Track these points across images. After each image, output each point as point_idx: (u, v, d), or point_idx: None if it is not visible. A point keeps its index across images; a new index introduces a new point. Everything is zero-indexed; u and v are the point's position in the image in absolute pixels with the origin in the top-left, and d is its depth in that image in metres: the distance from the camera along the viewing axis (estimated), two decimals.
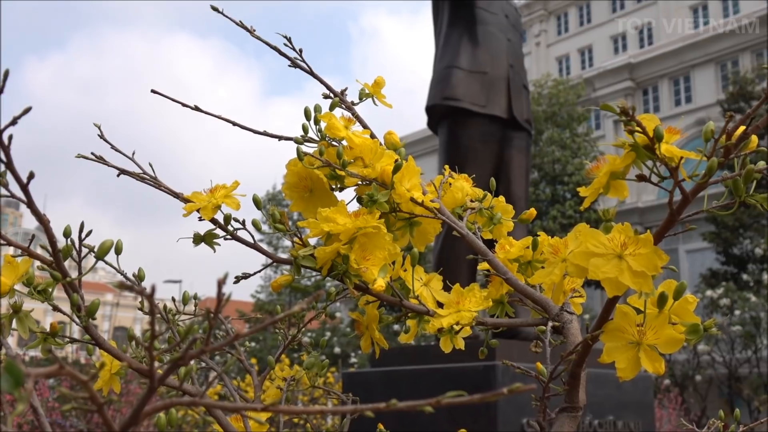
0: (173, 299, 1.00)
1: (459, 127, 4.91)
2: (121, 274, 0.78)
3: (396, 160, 0.83)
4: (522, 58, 5.28)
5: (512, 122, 4.92)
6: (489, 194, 0.94)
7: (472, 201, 0.93)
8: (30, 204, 0.59)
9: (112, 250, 0.77)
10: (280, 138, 0.93)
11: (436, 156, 5.56)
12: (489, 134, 4.87)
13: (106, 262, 0.72)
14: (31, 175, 0.47)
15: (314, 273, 0.82)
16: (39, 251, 0.70)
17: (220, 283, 0.42)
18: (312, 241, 0.84)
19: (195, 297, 0.98)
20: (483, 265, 0.88)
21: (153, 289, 0.35)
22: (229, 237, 0.84)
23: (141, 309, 0.94)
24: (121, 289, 0.35)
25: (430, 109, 5.10)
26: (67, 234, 0.67)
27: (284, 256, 0.83)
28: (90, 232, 0.67)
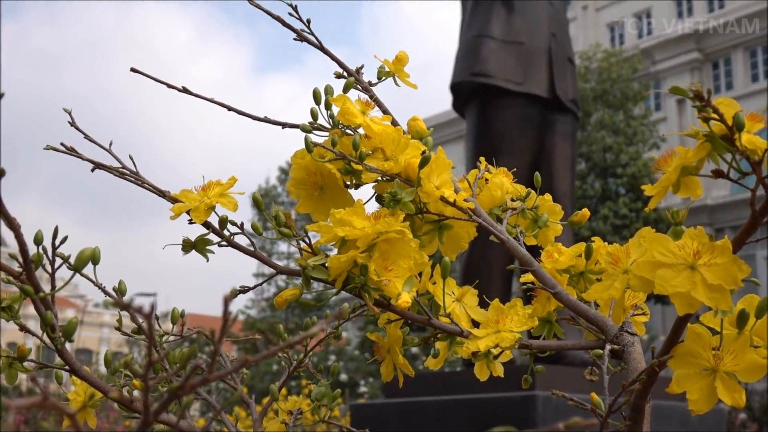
0: (155, 317, 1.02)
1: (491, 109, 4.92)
2: (100, 288, 0.80)
3: (423, 152, 0.85)
4: (566, 25, 5.28)
5: (555, 103, 4.92)
6: (532, 191, 0.95)
7: (513, 200, 0.94)
8: None
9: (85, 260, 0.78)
10: (284, 125, 0.94)
11: (461, 144, 5.57)
12: (527, 118, 4.88)
13: (83, 275, 0.73)
14: (2, 173, 0.49)
15: (322, 286, 0.83)
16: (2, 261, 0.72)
17: (227, 301, 0.43)
18: (321, 247, 0.85)
19: (182, 315, 1.00)
20: (527, 277, 0.89)
21: (153, 307, 0.36)
22: (224, 243, 0.85)
23: (119, 329, 0.95)
24: (116, 306, 0.36)
25: (455, 87, 5.12)
26: (38, 241, 0.69)
27: (281, 263, 0.84)
28: (65, 239, 0.68)
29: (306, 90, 0.92)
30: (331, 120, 0.91)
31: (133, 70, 0.97)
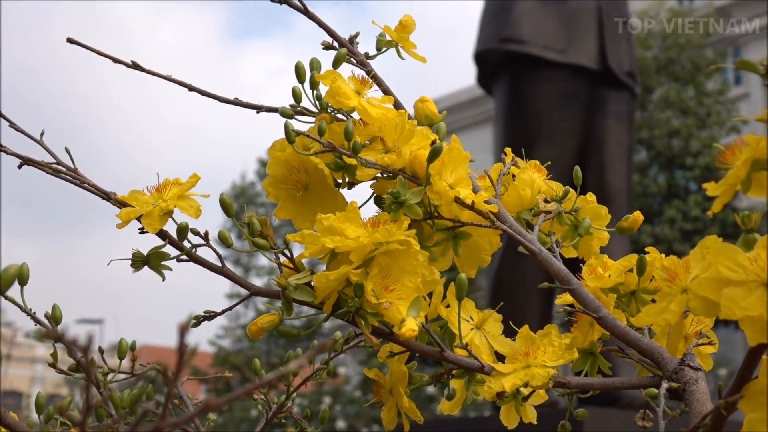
0: (100, 350, 1.03)
1: (525, 83, 4.93)
2: (28, 314, 0.81)
3: (433, 142, 0.86)
4: None
5: (606, 76, 4.93)
6: (572, 189, 0.95)
7: (546, 201, 0.95)
8: None
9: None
10: (259, 109, 0.95)
11: (488, 128, 5.58)
12: (571, 94, 4.89)
13: (8, 298, 0.74)
14: None
15: (311, 310, 0.84)
16: None
17: (183, 330, 0.44)
18: (305, 261, 0.86)
19: (132, 347, 1.01)
20: (564, 298, 0.90)
21: (90, 338, 0.37)
22: (185, 258, 0.86)
23: (53, 365, 0.96)
24: (48, 338, 0.37)
25: (480, 57, 5.13)
26: None
27: (260, 282, 0.85)
28: None
29: (293, 61, 0.94)
30: (317, 102, 0.92)
31: (70, 41, 0.98)
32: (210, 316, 0.87)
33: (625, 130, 5.04)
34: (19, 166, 0.90)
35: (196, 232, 0.86)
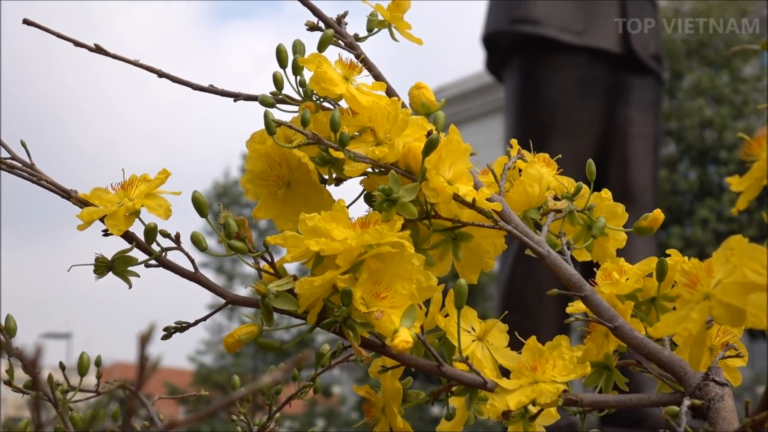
0: (61, 366, 1.03)
1: (539, 69, 4.92)
2: None
3: (429, 132, 0.86)
4: None
5: (630, 60, 4.93)
6: (585, 186, 0.96)
7: (557, 198, 0.95)
8: None
9: None
10: (236, 97, 0.95)
11: (498, 120, 5.57)
12: (590, 81, 4.89)
13: None
14: None
15: (296, 320, 0.84)
16: None
17: (144, 340, 0.44)
18: (291, 267, 0.86)
19: (98, 363, 1.01)
20: (576, 306, 0.90)
21: (38, 351, 0.37)
22: (154, 263, 0.87)
23: (9, 383, 0.96)
24: None
25: (489, 40, 5.12)
26: None
27: (245, 292, 0.85)
28: None
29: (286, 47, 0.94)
30: (301, 89, 0.92)
31: (26, 22, 0.99)
32: (182, 327, 0.87)
33: (651, 121, 5.03)
34: None
35: (166, 234, 0.86)
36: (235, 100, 0.95)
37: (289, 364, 0.46)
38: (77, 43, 0.97)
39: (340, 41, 0.96)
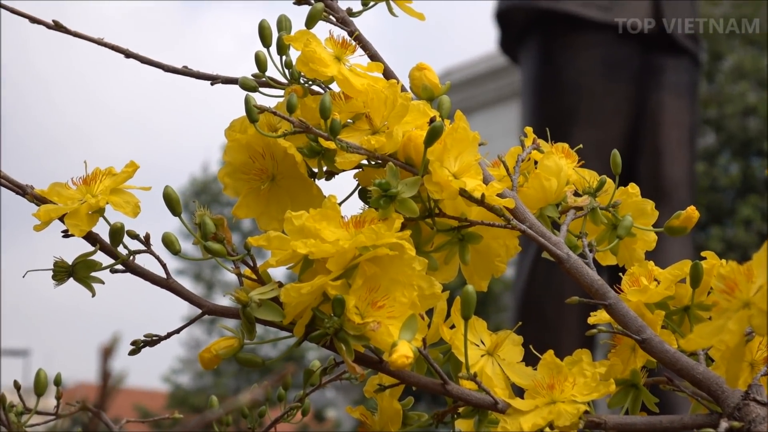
0: (16, 385, 1.03)
1: (560, 49, 4.91)
2: None
3: (432, 119, 0.85)
4: None
5: (662, 39, 4.92)
6: (610, 180, 0.95)
7: (577, 194, 0.95)
8: None
9: None
10: (213, 80, 0.95)
11: (513, 107, 5.56)
12: (618, 63, 4.88)
13: None
14: None
15: (282, 333, 0.84)
16: None
17: (106, 354, 0.44)
18: (277, 273, 0.86)
19: (57, 382, 1.01)
20: (600, 316, 0.90)
21: None
22: (121, 268, 0.86)
23: None
24: None
25: (504, 17, 5.12)
26: None
27: (227, 303, 0.85)
28: None
29: (273, 22, 0.94)
30: (287, 71, 0.92)
31: None
32: (152, 340, 0.87)
33: (687, 107, 5.02)
34: None
35: (134, 236, 0.86)
36: (212, 84, 0.95)
37: (271, 381, 0.46)
38: (33, 20, 0.97)
39: (331, 16, 0.95)
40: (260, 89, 0.91)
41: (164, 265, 0.87)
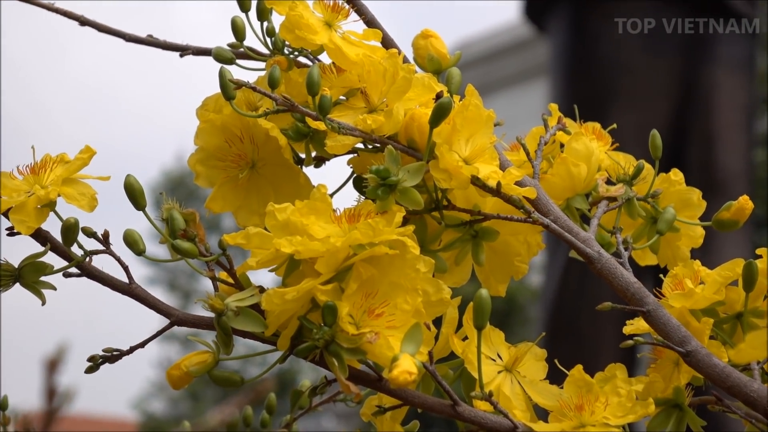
0: None
1: (595, 18, 4.91)
2: None
3: (438, 95, 0.85)
4: None
5: (714, 4, 4.92)
6: (648, 165, 0.95)
7: (610, 181, 0.94)
8: None
9: None
10: (183, 51, 0.95)
11: (539, 85, 5.56)
12: (662, 33, 4.88)
13: None
14: None
15: (263, 346, 0.84)
16: None
17: (50, 368, 0.44)
18: (263, 278, 0.86)
19: (4, 406, 1.01)
20: (637, 325, 0.90)
21: None
22: (76, 272, 0.86)
23: None
24: None
25: None
26: None
27: (205, 313, 0.85)
28: None
29: None
30: (269, 40, 0.92)
31: None
32: (113, 355, 0.86)
33: (743, 85, 5.01)
34: None
35: (90, 233, 0.86)
36: (181, 55, 0.95)
37: (243, 400, 0.47)
38: None
39: None
40: (237, 61, 0.91)
41: (126, 268, 0.86)
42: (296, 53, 0.90)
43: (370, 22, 0.94)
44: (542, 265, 4.58)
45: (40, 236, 0.86)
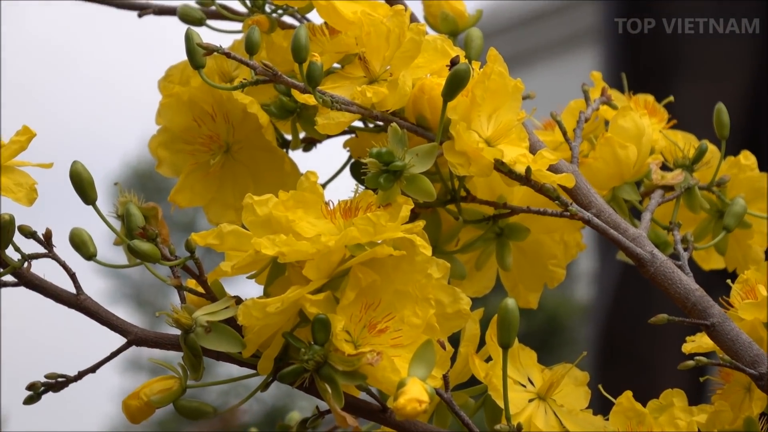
0: None
1: None
2: None
3: (453, 61, 0.84)
4: None
5: None
6: (712, 147, 0.94)
7: (666, 167, 0.94)
8: None
9: None
10: (142, 10, 0.95)
11: (584, 56, 5.60)
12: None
13: None
14: None
15: (241, 370, 0.84)
16: None
17: None
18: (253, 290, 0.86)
19: None
20: (699, 342, 0.89)
21: None
22: (11, 280, 0.86)
23: None
24: None
25: None
26: None
27: (172, 330, 0.84)
28: None
29: None
30: None
31: None
32: (57, 383, 0.86)
33: None
34: None
35: (30, 233, 0.85)
36: (139, 15, 0.95)
37: (207, 426, 0.45)
38: None
39: None
40: (208, 22, 0.90)
41: (73, 276, 0.85)
42: (280, 11, 0.90)
43: None
44: (592, 274, 4.58)
45: None
